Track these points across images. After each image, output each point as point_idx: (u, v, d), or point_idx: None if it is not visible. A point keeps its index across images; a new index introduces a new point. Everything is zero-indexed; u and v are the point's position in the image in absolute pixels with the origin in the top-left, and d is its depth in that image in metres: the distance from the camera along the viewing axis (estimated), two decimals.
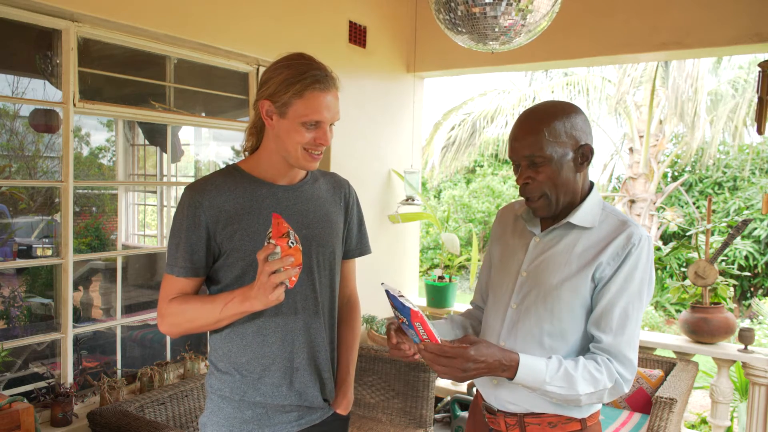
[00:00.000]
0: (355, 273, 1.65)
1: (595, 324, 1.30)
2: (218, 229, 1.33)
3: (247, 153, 1.46)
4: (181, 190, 1.55)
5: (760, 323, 7.53)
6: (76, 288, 2.92)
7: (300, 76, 1.30)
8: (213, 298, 1.32)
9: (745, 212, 10.86)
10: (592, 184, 1.41)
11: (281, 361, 1.38)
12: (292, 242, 1.20)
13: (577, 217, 1.34)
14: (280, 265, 1.18)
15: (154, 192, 4.71)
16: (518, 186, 1.37)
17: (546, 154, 1.30)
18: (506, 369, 1.24)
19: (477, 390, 1.51)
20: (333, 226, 1.48)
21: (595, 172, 12.28)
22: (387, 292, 1.25)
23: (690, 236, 10.11)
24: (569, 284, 1.31)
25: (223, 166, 1.46)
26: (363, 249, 1.61)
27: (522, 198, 1.41)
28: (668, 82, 9.13)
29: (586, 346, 1.34)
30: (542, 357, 1.29)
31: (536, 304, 1.34)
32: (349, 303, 1.63)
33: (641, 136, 9.79)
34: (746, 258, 10.48)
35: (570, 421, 1.35)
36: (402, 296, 1.22)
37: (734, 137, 9.41)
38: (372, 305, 3.73)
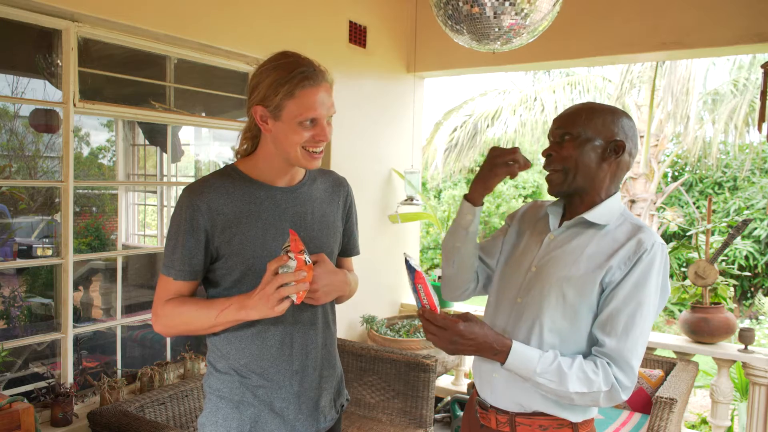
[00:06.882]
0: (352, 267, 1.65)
1: (600, 327, 1.29)
2: (216, 232, 1.32)
3: (239, 156, 1.43)
4: (181, 190, 1.54)
5: (759, 323, 7.53)
6: (76, 288, 2.92)
7: (288, 76, 1.27)
8: (210, 303, 1.31)
9: (745, 212, 10.87)
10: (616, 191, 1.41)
11: (280, 363, 1.38)
12: (308, 260, 1.20)
13: (593, 214, 1.35)
14: (293, 279, 1.18)
15: (154, 192, 4.71)
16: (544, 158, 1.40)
17: (575, 131, 1.34)
18: (497, 353, 1.27)
19: (473, 386, 1.51)
20: (330, 226, 1.48)
21: None
22: (406, 261, 1.31)
23: (690, 236, 10.14)
24: (574, 283, 1.31)
25: (223, 166, 1.45)
26: (354, 249, 1.61)
27: (551, 199, 1.46)
28: (662, 83, 9.18)
29: (588, 350, 1.33)
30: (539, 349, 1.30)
31: (540, 299, 1.34)
32: None
33: (641, 136, 9.78)
34: (746, 258, 10.48)
35: (562, 426, 1.35)
36: (416, 262, 1.29)
37: (735, 137, 9.41)
38: (372, 305, 3.73)
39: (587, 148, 1.34)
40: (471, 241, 1.49)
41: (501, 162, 1.37)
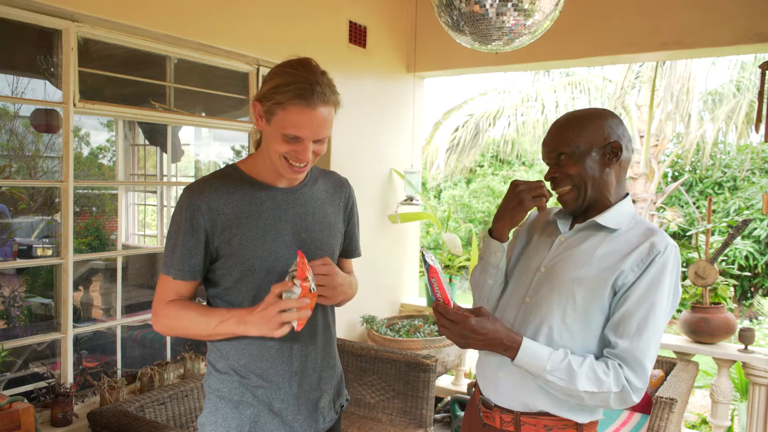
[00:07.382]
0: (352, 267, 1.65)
1: (612, 329, 1.29)
2: (216, 232, 1.32)
3: (257, 145, 1.43)
4: (181, 190, 1.55)
5: (759, 323, 7.52)
6: (76, 288, 2.92)
7: (286, 87, 1.25)
8: (210, 312, 1.31)
9: (745, 212, 10.86)
10: (626, 195, 1.42)
11: (280, 364, 1.38)
12: (312, 287, 1.21)
13: (605, 218, 1.35)
14: (295, 305, 1.18)
15: (154, 192, 4.71)
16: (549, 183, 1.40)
17: (569, 149, 1.34)
18: (507, 348, 1.28)
19: (476, 385, 1.51)
20: (331, 228, 1.47)
21: None
22: (422, 255, 1.33)
23: (690, 236, 10.14)
24: (585, 284, 1.31)
25: (223, 166, 1.45)
26: (355, 251, 1.61)
27: (558, 206, 1.46)
28: (662, 83, 9.18)
29: (598, 353, 1.33)
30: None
31: (548, 298, 1.35)
32: None
33: (641, 136, 9.78)
34: (746, 258, 10.48)
35: (567, 427, 1.35)
36: (432, 257, 1.32)
37: (735, 137, 9.42)
38: (372, 305, 3.73)
39: (588, 161, 1.34)
40: (501, 275, 1.50)
41: (528, 198, 1.36)
